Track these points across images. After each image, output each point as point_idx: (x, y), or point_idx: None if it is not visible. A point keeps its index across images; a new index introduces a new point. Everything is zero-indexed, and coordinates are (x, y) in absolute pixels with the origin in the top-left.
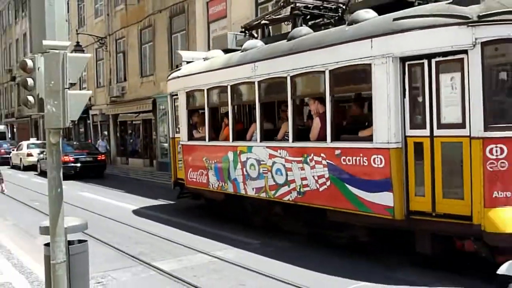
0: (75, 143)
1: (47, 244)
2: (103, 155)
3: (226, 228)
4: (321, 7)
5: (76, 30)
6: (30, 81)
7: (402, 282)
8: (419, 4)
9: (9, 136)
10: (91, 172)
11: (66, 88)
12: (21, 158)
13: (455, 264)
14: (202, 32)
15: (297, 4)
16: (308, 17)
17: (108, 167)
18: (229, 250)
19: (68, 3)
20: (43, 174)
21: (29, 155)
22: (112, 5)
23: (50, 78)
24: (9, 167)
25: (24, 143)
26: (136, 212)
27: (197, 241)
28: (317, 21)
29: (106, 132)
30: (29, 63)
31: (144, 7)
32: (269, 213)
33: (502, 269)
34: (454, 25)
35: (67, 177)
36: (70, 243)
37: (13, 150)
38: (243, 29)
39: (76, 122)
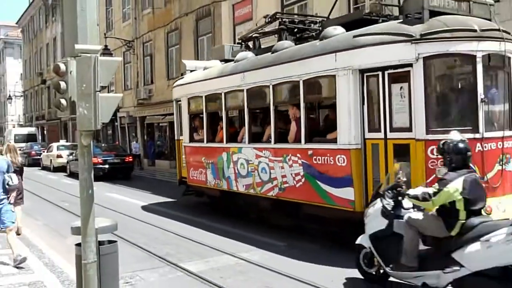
0: (103, 145)
1: (78, 244)
2: (130, 157)
3: (251, 229)
4: (306, 21)
5: (105, 34)
6: (62, 84)
7: None
8: (383, 21)
9: (40, 138)
10: (119, 173)
11: (97, 91)
12: (51, 160)
13: None
14: (228, 34)
15: (284, 19)
16: (296, 30)
17: (135, 169)
18: (255, 251)
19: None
20: (72, 175)
21: (59, 156)
22: (140, 9)
23: (82, 81)
24: (39, 168)
25: (54, 145)
26: (161, 213)
27: (222, 242)
28: (302, 34)
29: (134, 134)
30: (62, 66)
31: (171, 10)
32: (258, 208)
33: (358, 240)
34: (401, 42)
35: (95, 178)
36: (100, 243)
37: (43, 151)
38: (240, 41)
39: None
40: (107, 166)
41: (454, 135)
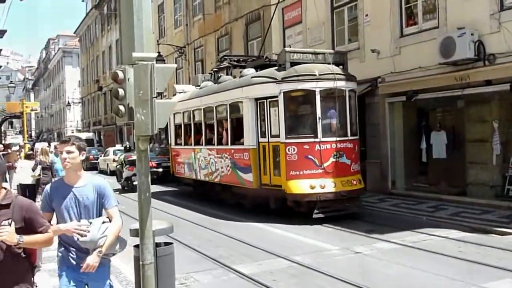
0: (157, 149)
1: (136, 246)
2: None
3: (303, 233)
4: (248, 60)
5: (157, 41)
6: (121, 91)
7: None
8: (279, 66)
9: (97, 142)
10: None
11: (154, 97)
12: (107, 164)
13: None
14: (278, 38)
15: (231, 59)
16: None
17: None
18: (307, 255)
19: None
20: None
21: (115, 160)
22: (191, 16)
23: (139, 88)
24: (97, 172)
25: (110, 149)
26: (213, 215)
27: (274, 245)
28: (242, 70)
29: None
30: (120, 74)
31: (221, 16)
32: (213, 190)
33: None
34: (272, 82)
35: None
36: (157, 245)
37: (100, 156)
38: (211, 72)
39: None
40: (161, 169)
41: (126, 143)
